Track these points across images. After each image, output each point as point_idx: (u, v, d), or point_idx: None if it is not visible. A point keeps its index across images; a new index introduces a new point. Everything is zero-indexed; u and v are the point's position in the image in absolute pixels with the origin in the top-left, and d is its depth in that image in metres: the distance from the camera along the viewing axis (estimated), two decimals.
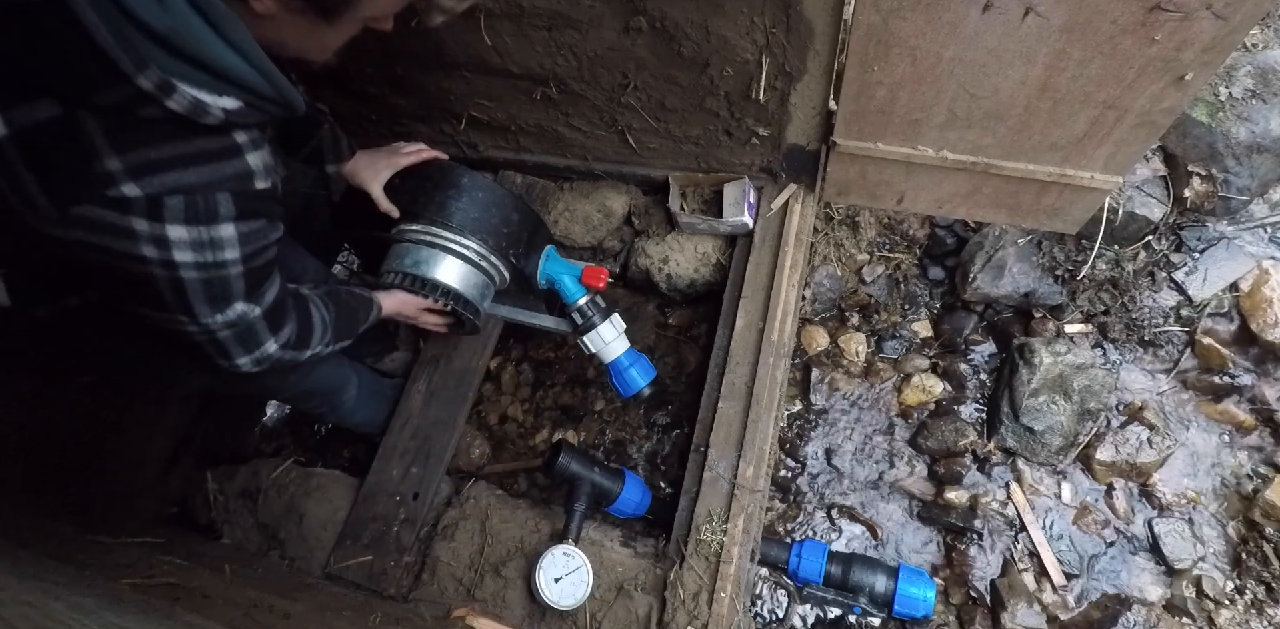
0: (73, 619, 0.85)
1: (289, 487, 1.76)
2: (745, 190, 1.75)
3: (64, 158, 0.63)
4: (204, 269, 0.78)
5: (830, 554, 1.63)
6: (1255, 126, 1.74)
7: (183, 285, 0.78)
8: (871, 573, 1.60)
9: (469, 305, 1.46)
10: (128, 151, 0.65)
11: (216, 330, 0.90)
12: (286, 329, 1.06)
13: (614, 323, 1.61)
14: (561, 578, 1.44)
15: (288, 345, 1.07)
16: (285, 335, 1.06)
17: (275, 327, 1.02)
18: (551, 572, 1.44)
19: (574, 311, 1.59)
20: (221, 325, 0.89)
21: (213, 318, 0.86)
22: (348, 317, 1.22)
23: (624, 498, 1.60)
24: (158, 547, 1.54)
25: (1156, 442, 1.77)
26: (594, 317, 1.59)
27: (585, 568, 1.44)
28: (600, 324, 1.59)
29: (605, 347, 1.60)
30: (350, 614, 1.40)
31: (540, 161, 1.92)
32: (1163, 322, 1.89)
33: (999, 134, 1.40)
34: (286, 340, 1.06)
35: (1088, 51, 1.16)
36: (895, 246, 2.05)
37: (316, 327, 1.13)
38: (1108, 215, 1.77)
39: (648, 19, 1.34)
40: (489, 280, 1.50)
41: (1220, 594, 1.64)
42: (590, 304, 1.59)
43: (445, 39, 1.52)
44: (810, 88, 1.45)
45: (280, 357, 1.06)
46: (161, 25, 0.58)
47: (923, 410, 1.92)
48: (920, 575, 1.61)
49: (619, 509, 1.62)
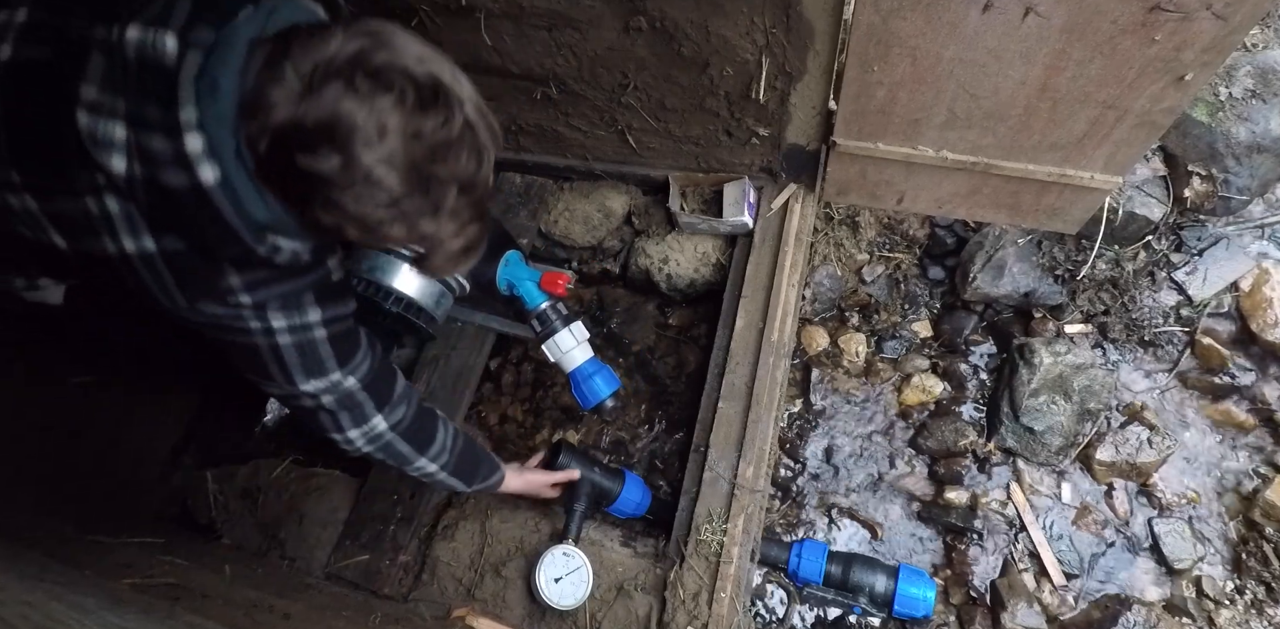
0: (73, 619, 0.85)
1: (289, 487, 1.76)
2: (745, 190, 1.75)
3: (199, 274, 0.87)
4: (295, 332, 0.98)
5: (830, 554, 1.63)
6: (1255, 126, 1.74)
7: (280, 353, 0.98)
8: (871, 573, 1.60)
9: (423, 314, 1.46)
10: (245, 275, 0.89)
11: (320, 395, 1.05)
12: (399, 411, 1.16)
13: (575, 330, 1.55)
14: (561, 578, 1.44)
15: (400, 430, 1.17)
16: (397, 417, 1.16)
17: (380, 402, 1.13)
18: (551, 572, 1.44)
19: (534, 318, 1.53)
20: (322, 391, 1.05)
21: (309, 383, 1.03)
22: (472, 460, 1.34)
23: (624, 498, 1.59)
24: (158, 547, 1.54)
25: (1156, 442, 1.77)
26: (554, 322, 1.53)
27: (585, 568, 1.44)
28: (560, 331, 1.53)
29: (564, 355, 1.54)
30: (350, 614, 1.40)
31: (540, 161, 1.92)
32: (1163, 321, 1.89)
33: (999, 134, 1.40)
34: (398, 423, 1.17)
35: (1088, 51, 1.16)
36: (895, 246, 2.05)
37: (437, 440, 1.24)
38: (1108, 215, 1.77)
39: (648, 19, 1.34)
40: (445, 289, 1.51)
41: (1220, 594, 1.64)
42: (551, 309, 1.53)
43: (445, 39, 1.52)
44: (810, 88, 1.45)
45: (394, 441, 1.17)
46: (266, 219, 0.81)
47: (923, 410, 1.92)
48: (920, 575, 1.61)
49: (619, 509, 1.61)
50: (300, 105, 0.72)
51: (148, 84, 0.74)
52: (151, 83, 0.73)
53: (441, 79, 0.76)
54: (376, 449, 1.19)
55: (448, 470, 1.29)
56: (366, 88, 0.72)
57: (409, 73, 0.74)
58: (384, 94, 0.72)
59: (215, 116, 0.74)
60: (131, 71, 0.74)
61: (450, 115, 0.76)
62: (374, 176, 0.74)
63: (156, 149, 0.75)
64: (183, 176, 0.76)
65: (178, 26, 0.74)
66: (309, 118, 0.72)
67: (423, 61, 0.75)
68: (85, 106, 0.75)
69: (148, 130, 0.75)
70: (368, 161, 0.73)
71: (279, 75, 0.72)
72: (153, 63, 0.73)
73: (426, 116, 0.74)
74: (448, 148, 0.76)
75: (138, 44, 0.73)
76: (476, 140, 0.79)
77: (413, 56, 0.75)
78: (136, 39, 0.73)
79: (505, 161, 1.96)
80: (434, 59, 0.77)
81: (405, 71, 0.74)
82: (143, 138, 0.75)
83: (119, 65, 0.74)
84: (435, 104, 0.75)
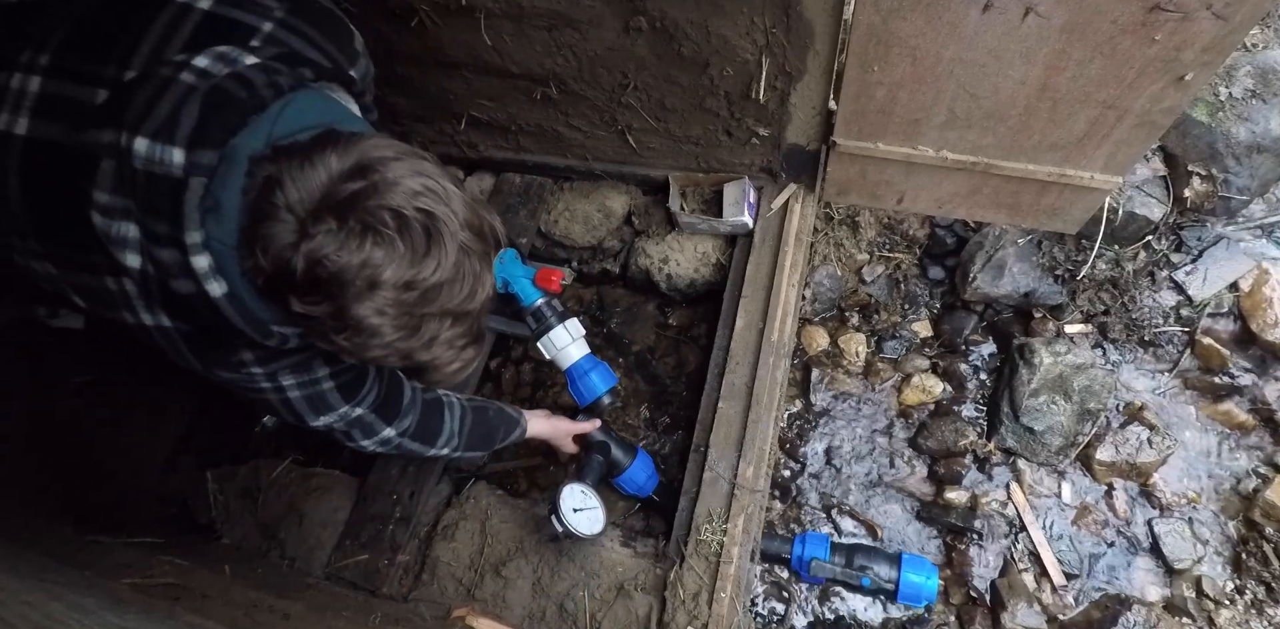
0: (73, 619, 0.85)
1: (289, 487, 1.76)
2: (745, 190, 1.75)
3: (213, 349, 0.92)
4: (304, 387, 1.04)
5: (833, 545, 1.64)
6: (1255, 126, 1.74)
7: (291, 404, 1.05)
8: (875, 560, 1.60)
9: None
10: (257, 351, 0.94)
11: (333, 424, 1.13)
12: (407, 420, 1.24)
13: (570, 327, 1.56)
14: (580, 510, 1.45)
15: (408, 434, 1.25)
16: (405, 425, 1.24)
17: (389, 418, 1.21)
18: (571, 502, 1.44)
19: (529, 315, 1.55)
20: (332, 422, 1.13)
21: (319, 420, 1.10)
22: (484, 431, 1.40)
23: (634, 469, 1.61)
24: (158, 547, 1.54)
25: (1156, 442, 1.77)
26: (549, 318, 1.54)
27: (600, 509, 1.47)
28: (555, 327, 1.54)
29: (559, 351, 1.55)
30: (350, 614, 1.40)
31: (540, 161, 1.92)
32: (1163, 322, 1.89)
33: (999, 134, 1.40)
34: (406, 429, 1.24)
35: (1088, 51, 1.16)
36: (895, 246, 2.05)
37: (444, 431, 1.31)
38: (1108, 215, 1.77)
39: (648, 19, 1.34)
40: None
41: (1220, 594, 1.64)
42: (546, 306, 1.54)
43: (445, 39, 1.52)
44: (810, 88, 1.45)
45: (403, 442, 1.25)
46: (273, 319, 0.84)
47: (923, 410, 1.92)
48: (922, 562, 1.61)
49: (629, 480, 1.62)
50: (293, 251, 0.73)
51: (155, 199, 0.76)
52: (159, 198, 0.76)
53: (435, 215, 0.76)
54: (388, 450, 1.27)
55: (460, 450, 1.37)
56: (357, 240, 0.72)
57: (401, 215, 0.74)
58: (375, 246, 0.73)
59: (220, 238, 0.76)
60: (140, 183, 0.76)
61: (442, 258, 0.76)
62: (365, 325, 0.76)
63: (166, 260, 0.78)
64: (191, 286, 0.79)
65: (184, 141, 0.75)
66: (301, 267, 0.73)
67: (416, 196, 0.75)
68: (99, 209, 0.78)
69: (157, 243, 0.77)
70: (359, 313, 0.75)
71: (274, 212, 0.73)
72: (160, 176, 0.75)
73: (418, 266, 0.75)
74: (439, 289, 0.77)
75: (145, 158, 0.75)
76: (470, 268, 0.79)
77: (404, 193, 0.75)
78: (144, 153, 0.75)
79: (505, 161, 1.96)
80: (427, 190, 0.76)
81: (398, 214, 0.74)
82: (153, 249, 0.78)
83: (128, 174, 0.76)
84: (428, 251, 0.75)
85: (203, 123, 0.75)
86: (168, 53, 0.83)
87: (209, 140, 0.75)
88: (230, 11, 0.88)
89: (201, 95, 0.76)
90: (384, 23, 1.50)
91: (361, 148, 0.76)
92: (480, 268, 0.81)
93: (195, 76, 0.77)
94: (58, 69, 0.84)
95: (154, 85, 0.76)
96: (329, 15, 1.00)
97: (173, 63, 0.79)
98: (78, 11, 0.88)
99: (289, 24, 0.91)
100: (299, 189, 0.73)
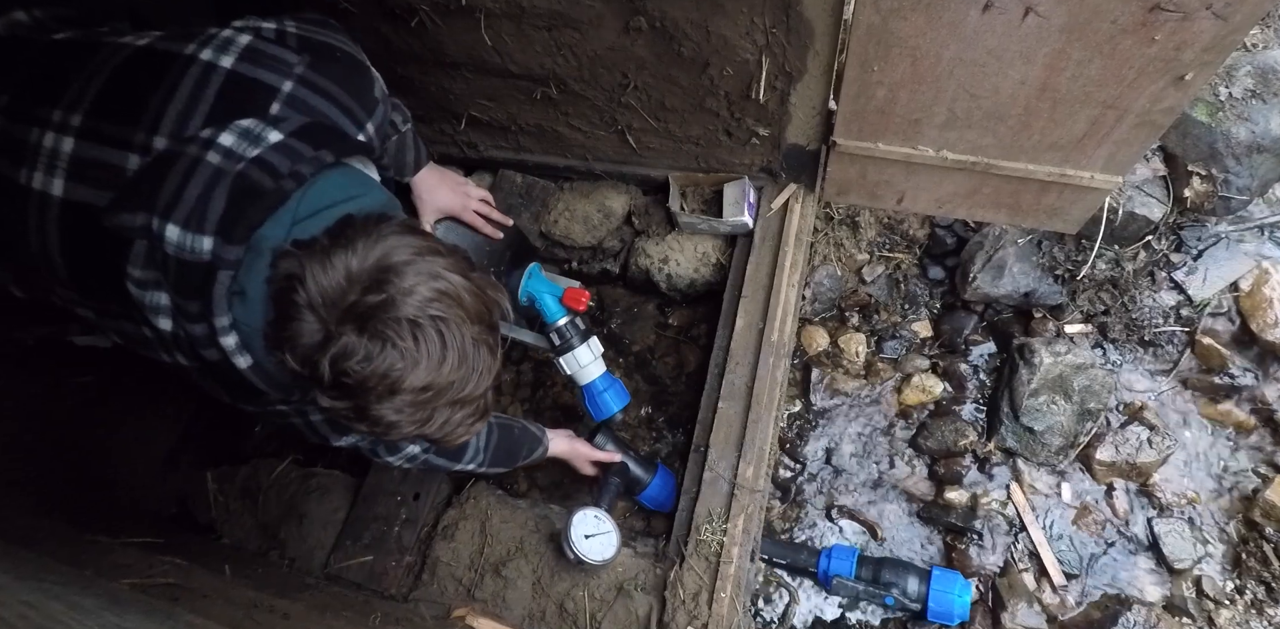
0: (73, 619, 0.85)
1: (289, 487, 1.76)
2: (745, 190, 1.75)
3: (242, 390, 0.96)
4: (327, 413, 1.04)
5: (860, 557, 1.64)
6: (1255, 126, 1.74)
7: (315, 427, 1.10)
8: (903, 576, 1.60)
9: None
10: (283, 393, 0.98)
11: (358, 444, 1.17)
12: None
13: (591, 346, 1.60)
14: (592, 536, 1.45)
15: (433, 451, 1.26)
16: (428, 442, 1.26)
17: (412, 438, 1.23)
18: (583, 528, 1.45)
19: (553, 332, 1.58)
20: (356, 442, 1.17)
21: (343, 441, 1.15)
22: (508, 449, 1.42)
23: (656, 486, 1.63)
24: (158, 547, 1.54)
25: (1156, 442, 1.77)
26: (572, 338, 1.57)
27: (614, 533, 1.47)
28: (578, 346, 1.57)
29: (580, 369, 1.59)
30: (350, 614, 1.40)
31: (540, 161, 1.92)
32: (1163, 322, 1.89)
33: (999, 134, 1.40)
34: (431, 446, 1.25)
35: (1088, 51, 1.16)
36: (895, 246, 2.05)
37: (470, 447, 1.33)
38: (1108, 215, 1.77)
39: (648, 19, 1.34)
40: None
41: (1220, 594, 1.64)
42: (570, 325, 1.57)
43: (445, 39, 1.52)
44: (810, 88, 1.45)
45: (429, 459, 1.27)
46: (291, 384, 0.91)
47: (923, 410, 1.92)
48: (954, 577, 1.60)
49: (650, 497, 1.65)
50: (320, 354, 0.78)
51: (186, 281, 0.82)
52: (189, 280, 0.82)
53: (448, 321, 0.81)
54: (415, 466, 1.29)
55: (485, 466, 1.39)
56: (379, 349, 0.78)
57: (418, 324, 0.79)
58: (395, 356, 0.78)
59: (246, 321, 0.84)
60: (172, 267, 0.82)
61: (455, 360, 0.82)
62: (384, 420, 0.82)
63: (197, 333, 0.85)
64: (218, 355, 0.87)
65: (212, 230, 0.80)
66: (325, 371, 0.78)
67: (429, 304, 0.80)
68: (133, 282, 0.85)
69: (188, 319, 0.84)
70: (378, 412, 0.81)
71: (298, 312, 0.79)
72: (191, 263, 0.81)
73: (434, 372, 0.80)
74: (451, 386, 0.83)
75: (177, 245, 0.80)
76: (480, 361, 0.85)
77: (418, 303, 0.79)
78: (175, 240, 0.80)
79: (505, 161, 1.96)
80: (440, 294, 0.81)
81: (415, 323, 0.79)
82: (182, 322, 0.85)
83: (159, 256, 0.81)
84: (443, 357, 0.81)
85: (229, 214, 0.80)
86: (194, 117, 0.86)
87: (234, 237, 0.80)
88: (253, 70, 0.90)
89: (229, 183, 0.81)
90: (384, 23, 1.50)
91: (378, 250, 0.80)
92: (488, 356, 0.86)
93: (221, 156, 0.82)
94: (90, 131, 0.87)
95: (183, 167, 0.81)
96: (349, 66, 1.02)
97: (199, 140, 0.83)
98: (106, 67, 0.90)
99: (309, 81, 0.93)
100: (320, 287, 0.78)
